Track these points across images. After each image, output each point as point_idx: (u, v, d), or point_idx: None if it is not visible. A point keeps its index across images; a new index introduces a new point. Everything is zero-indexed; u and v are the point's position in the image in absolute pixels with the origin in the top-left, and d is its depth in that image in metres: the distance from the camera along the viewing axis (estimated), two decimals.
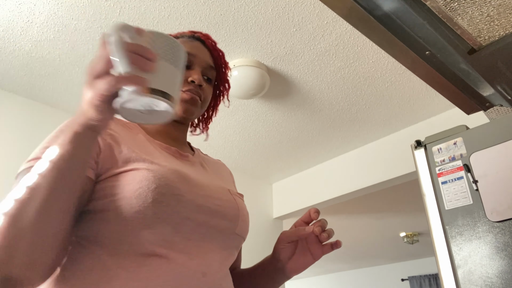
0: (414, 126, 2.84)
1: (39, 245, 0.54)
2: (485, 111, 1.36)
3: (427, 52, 1.04)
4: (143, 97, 0.51)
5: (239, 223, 0.75)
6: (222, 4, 1.82)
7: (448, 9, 0.91)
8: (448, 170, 1.40)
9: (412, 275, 6.75)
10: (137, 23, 1.91)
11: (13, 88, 2.34)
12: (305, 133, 2.92)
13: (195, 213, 0.68)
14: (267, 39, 2.03)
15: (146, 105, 0.53)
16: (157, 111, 0.54)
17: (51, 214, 0.54)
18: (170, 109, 0.54)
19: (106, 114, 0.53)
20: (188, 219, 0.66)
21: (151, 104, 0.53)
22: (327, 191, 3.23)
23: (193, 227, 0.67)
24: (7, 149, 2.26)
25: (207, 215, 0.70)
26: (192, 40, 0.88)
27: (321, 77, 2.30)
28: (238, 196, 0.81)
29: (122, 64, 0.49)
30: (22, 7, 1.82)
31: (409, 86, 2.42)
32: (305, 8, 1.85)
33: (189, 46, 0.85)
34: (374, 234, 5.40)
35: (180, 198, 0.66)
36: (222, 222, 0.72)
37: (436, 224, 1.38)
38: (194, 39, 0.88)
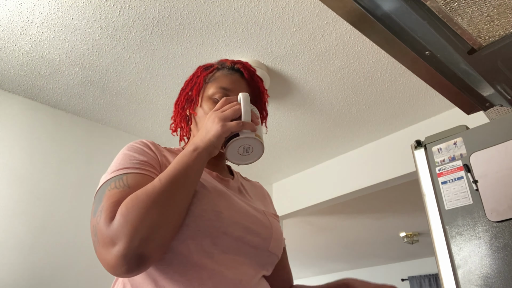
0: (414, 126, 2.84)
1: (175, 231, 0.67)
2: (485, 111, 1.36)
3: (427, 52, 1.04)
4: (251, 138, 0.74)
5: (272, 241, 0.81)
6: (222, 4, 1.82)
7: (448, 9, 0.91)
8: (448, 170, 1.40)
9: (412, 275, 6.75)
10: (137, 23, 1.91)
11: (13, 88, 2.34)
12: (305, 133, 2.92)
13: (231, 228, 0.75)
14: (267, 39, 2.03)
15: (247, 145, 0.76)
16: (249, 154, 0.78)
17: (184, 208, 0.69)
18: (261, 153, 0.78)
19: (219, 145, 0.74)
20: (226, 234, 0.74)
21: (250, 147, 0.76)
22: (327, 191, 3.23)
23: (230, 241, 0.74)
24: (7, 149, 2.26)
25: (242, 232, 0.76)
26: (232, 73, 0.92)
27: (321, 77, 2.30)
28: (272, 217, 0.87)
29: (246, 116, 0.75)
30: (22, 7, 1.81)
31: (409, 86, 2.41)
32: (305, 8, 1.85)
33: (228, 80, 0.91)
34: (374, 234, 5.40)
35: (220, 214, 0.74)
36: (256, 239, 0.79)
37: (436, 224, 1.37)
38: (234, 71, 0.92)
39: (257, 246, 0.78)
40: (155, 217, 0.62)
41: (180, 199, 0.67)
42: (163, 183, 0.66)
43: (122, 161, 0.74)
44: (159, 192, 0.64)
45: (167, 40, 2.02)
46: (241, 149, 0.76)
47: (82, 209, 2.44)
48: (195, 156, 0.70)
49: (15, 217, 2.18)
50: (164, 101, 2.51)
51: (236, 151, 0.76)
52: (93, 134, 2.68)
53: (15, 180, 2.24)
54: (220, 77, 0.91)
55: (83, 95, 2.43)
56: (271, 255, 0.82)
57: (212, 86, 0.89)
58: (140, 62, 2.17)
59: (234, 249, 0.75)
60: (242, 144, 0.75)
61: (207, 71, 0.92)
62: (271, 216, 0.87)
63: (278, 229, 0.85)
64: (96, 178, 2.57)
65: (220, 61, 0.96)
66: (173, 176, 0.67)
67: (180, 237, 0.70)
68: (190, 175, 0.69)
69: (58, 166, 2.44)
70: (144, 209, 0.62)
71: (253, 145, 0.75)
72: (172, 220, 0.65)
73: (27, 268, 2.13)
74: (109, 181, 0.70)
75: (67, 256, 2.29)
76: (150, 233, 0.61)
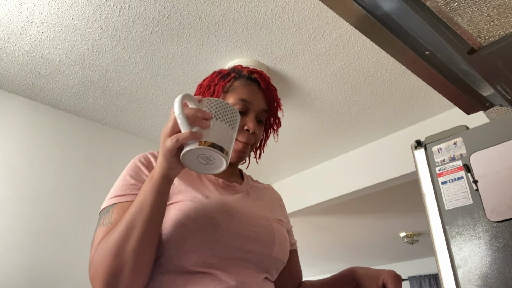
0: (414, 126, 2.84)
1: (137, 271, 0.67)
2: (485, 111, 1.36)
3: (427, 52, 1.04)
4: (199, 149, 0.62)
5: (275, 247, 0.82)
6: (222, 4, 1.82)
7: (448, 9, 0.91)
8: (448, 170, 1.40)
9: (412, 275, 6.75)
10: (137, 23, 1.91)
11: (13, 88, 2.34)
12: (305, 133, 2.92)
13: (231, 239, 0.76)
14: (267, 39, 2.03)
15: (204, 156, 0.64)
16: (213, 162, 0.65)
17: (145, 247, 0.68)
18: (223, 160, 0.64)
19: (175, 165, 0.66)
20: (225, 245, 0.75)
21: (208, 156, 0.64)
22: (327, 191, 3.23)
23: (230, 251, 0.75)
24: (7, 149, 2.26)
25: (242, 241, 0.77)
26: (249, 83, 0.91)
27: (321, 77, 2.30)
28: (276, 222, 0.87)
29: (182, 125, 0.63)
30: (22, 7, 1.81)
31: (409, 86, 2.41)
32: (305, 8, 1.85)
33: (247, 91, 0.90)
34: (374, 234, 5.40)
35: (217, 227, 0.75)
36: (258, 246, 0.79)
37: (436, 224, 1.37)
38: (251, 80, 0.92)
39: (259, 253, 0.79)
40: (116, 265, 0.66)
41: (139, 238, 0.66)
42: (118, 229, 0.68)
43: (117, 185, 0.79)
44: (116, 240, 0.67)
45: (167, 40, 2.02)
46: (201, 159, 0.65)
47: (81, 209, 2.44)
48: (150, 187, 0.68)
49: (14, 217, 2.18)
50: (164, 101, 2.51)
51: (194, 164, 0.66)
52: (93, 134, 2.68)
53: (14, 180, 2.24)
54: (239, 88, 0.90)
55: (83, 95, 2.43)
56: (275, 260, 0.82)
57: (232, 96, 0.89)
58: (140, 62, 2.17)
59: (236, 258, 0.76)
60: (192, 156, 0.65)
61: (225, 80, 0.91)
62: (275, 222, 0.87)
63: (282, 235, 0.85)
64: (96, 178, 2.57)
65: (236, 68, 0.95)
66: (129, 218, 0.68)
67: (179, 251, 0.73)
68: (145, 210, 0.67)
69: (58, 166, 2.44)
70: (104, 260, 0.66)
71: (206, 153, 0.64)
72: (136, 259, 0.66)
73: (27, 268, 2.13)
74: (102, 212, 0.76)
75: (67, 256, 2.29)
76: (114, 279, 0.66)
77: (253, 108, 0.89)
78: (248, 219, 0.81)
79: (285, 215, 1.01)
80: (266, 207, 0.93)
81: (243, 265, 0.77)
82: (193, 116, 0.63)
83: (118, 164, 2.69)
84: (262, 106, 0.90)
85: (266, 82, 0.93)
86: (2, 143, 2.25)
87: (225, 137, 0.65)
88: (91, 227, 2.44)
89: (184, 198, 0.78)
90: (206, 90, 0.92)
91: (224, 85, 0.90)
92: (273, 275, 0.84)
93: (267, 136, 1.03)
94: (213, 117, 0.65)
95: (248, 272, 0.77)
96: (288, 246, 0.88)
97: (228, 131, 0.66)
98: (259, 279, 0.78)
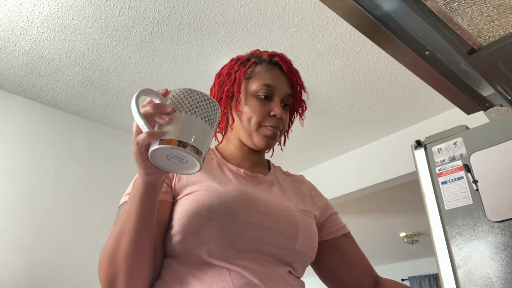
0: (414, 126, 2.84)
1: (133, 275, 0.67)
2: (485, 111, 1.36)
3: (427, 52, 1.04)
4: (161, 149, 0.56)
5: (299, 240, 0.76)
6: (222, 4, 1.82)
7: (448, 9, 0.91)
8: (448, 170, 1.40)
9: (412, 275, 6.75)
10: (137, 23, 1.91)
11: (13, 88, 2.34)
12: (305, 133, 2.92)
13: (247, 230, 0.72)
14: (267, 39, 2.03)
15: (173, 155, 0.57)
16: (186, 160, 0.58)
17: (136, 252, 0.66)
18: (193, 158, 0.56)
19: (151, 169, 0.61)
20: (241, 235, 0.71)
21: (176, 155, 0.57)
22: (327, 191, 3.22)
23: (247, 243, 0.72)
24: (7, 149, 2.26)
25: (261, 232, 0.73)
26: (271, 67, 0.88)
27: (321, 77, 2.30)
28: (302, 213, 0.82)
29: (141, 125, 0.56)
30: (22, 7, 1.81)
31: (409, 86, 2.41)
32: (305, 8, 1.85)
33: (269, 76, 0.86)
34: (374, 234, 5.40)
35: (231, 216, 0.71)
36: (279, 238, 0.75)
37: (436, 224, 1.37)
38: (272, 64, 0.89)
39: (281, 246, 0.75)
40: (110, 271, 0.67)
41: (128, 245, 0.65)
42: (111, 236, 0.68)
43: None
44: (108, 248, 0.68)
45: (167, 40, 2.02)
46: (172, 159, 0.58)
47: (81, 209, 2.44)
48: (133, 194, 0.65)
49: (14, 217, 2.18)
50: None
51: (169, 164, 0.59)
52: (93, 134, 2.68)
53: (14, 180, 2.24)
54: (261, 73, 0.87)
55: (83, 95, 2.43)
56: (300, 254, 0.77)
57: (255, 83, 0.85)
58: (140, 62, 2.17)
59: (254, 250, 0.72)
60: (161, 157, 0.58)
61: (246, 67, 0.87)
62: (300, 212, 0.81)
63: (308, 227, 0.79)
64: (96, 178, 2.57)
65: (255, 53, 0.91)
66: (118, 226, 0.67)
67: (195, 242, 0.71)
68: (132, 217, 0.65)
69: (58, 166, 2.44)
70: (101, 266, 0.68)
71: (172, 152, 0.56)
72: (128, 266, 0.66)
73: (27, 268, 2.13)
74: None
75: (67, 256, 2.29)
76: (111, 284, 0.67)
77: (277, 93, 0.86)
78: (268, 209, 0.77)
79: (320, 204, 0.94)
80: (293, 198, 0.87)
81: (263, 258, 0.73)
82: (150, 114, 0.57)
83: (118, 164, 2.69)
84: (286, 90, 0.87)
85: (288, 65, 0.90)
86: (2, 143, 2.25)
87: (193, 131, 0.56)
88: (91, 227, 2.44)
89: (200, 188, 0.75)
90: (226, 79, 0.88)
91: (246, 72, 0.87)
92: (298, 270, 0.79)
93: (291, 121, 0.97)
94: (177, 110, 0.57)
95: (269, 266, 0.73)
96: (316, 239, 0.82)
97: (197, 123, 0.57)
98: (282, 273, 0.74)
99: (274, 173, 0.93)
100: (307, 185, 0.97)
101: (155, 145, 0.56)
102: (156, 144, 0.55)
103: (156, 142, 0.55)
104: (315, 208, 0.91)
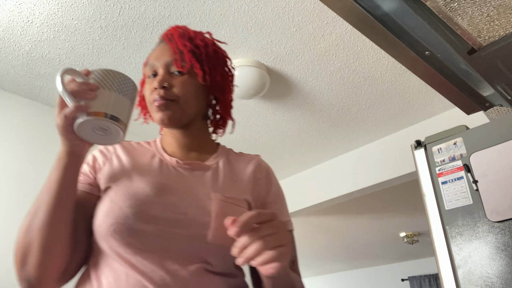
0: (414, 126, 2.84)
1: (47, 249, 0.66)
2: (485, 111, 1.36)
3: (427, 52, 1.04)
4: (88, 120, 0.61)
5: (210, 231, 0.69)
6: (222, 4, 1.82)
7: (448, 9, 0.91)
8: (448, 170, 1.40)
9: (412, 275, 6.75)
10: (137, 23, 1.91)
11: (13, 88, 2.34)
12: (305, 133, 2.92)
13: (149, 224, 0.69)
14: (267, 39, 2.03)
15: (99, 127, 0.63)
16: (110, 131, 0.64)
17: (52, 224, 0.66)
18: (117, 127, 0.63)
19: (76, 141, 0.65)
20: (140, 230, 0.68)
21: (102, 126, 0.63)
22: (327, 191, 3.23)
23: (147, 238, 0.68)
24: (7, 149, 2.26)
25: (164, 225, 0.69)
26: (157, 45, 0.85)
27: (321, 77, 2.30)
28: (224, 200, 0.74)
29: (66, 98, 0.61)
30: (22, 7, 1.81)
31: (409, 86, 2.41)
32: (305, 8, 1.85)
33: (152, 55, 0.84)
34: (374, 234, 5.40)
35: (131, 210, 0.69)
36: (187, 231, 0.69)
37: (436, 224, 1.38)
38: (159, 42, 0.86)
39: (189, 239, 0.69)
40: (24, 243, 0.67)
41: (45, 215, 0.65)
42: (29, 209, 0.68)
43: None
44: (25, 219, 0.68)
45: None
46: (97, 131, 0.64)
47: None
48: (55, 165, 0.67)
49: (14, 218, 2.18)
50: None
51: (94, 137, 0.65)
52: None
53: (14, 180, 2.24)
54: (151, 54, 0.85)
55: None
56: (214, 247, 0.69)
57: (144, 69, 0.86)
58: (140, 62, 2.17)
59: (155, 245, 0.68)
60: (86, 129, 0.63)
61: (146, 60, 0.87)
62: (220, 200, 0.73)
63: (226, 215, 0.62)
64: None
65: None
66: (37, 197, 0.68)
67: (98, 239, 0.70)
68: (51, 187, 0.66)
69: None
70: (16, 239, 0.68)
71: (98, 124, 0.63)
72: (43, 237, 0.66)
73: None
74: None
75: None
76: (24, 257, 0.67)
77: (160, 65, 0.81)
78: (179, 200, 0.72)
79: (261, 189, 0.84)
80: (224, 184, 0.79)
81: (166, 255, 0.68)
82: (77, 90, 0.61)
83: None
84: (167, 59, 0.80)
85: (168, 34, 0.83)
86: (2, 143, 2.25)
87: (115, 105, 0.64)
88: None
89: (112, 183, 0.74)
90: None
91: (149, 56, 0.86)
92: (216, 265, 0.72)
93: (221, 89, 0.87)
94: (100, 87, 0.63)
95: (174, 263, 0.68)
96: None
97: (119, 98, 0.64)
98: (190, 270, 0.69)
99: (217, 157, 0.85)
100: (254, 167, 0.86)
101: (82, 118, 0.61)
102: (83, 116, 0.61)
103: (83, 115, 0.61)
104: (247, 192, 0.81)
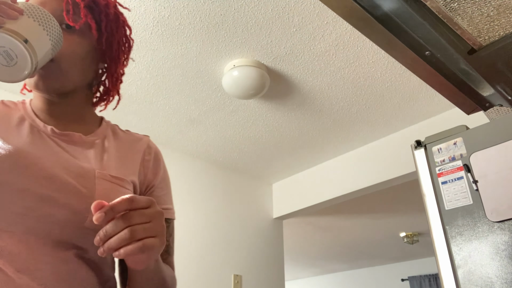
0: (414, 126, 2.84)
1: None
2: (485, 111, 1.37)
3: (427, 52, 1.04)
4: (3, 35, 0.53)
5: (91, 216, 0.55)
6: (222, 4, 1.82)
7: (448, 9, 0.91)
8: (448, 170, 1.40)
9: (412, 275, 6.75)
10: (137, 23, 1.91)
11: (13, 88, 2.34)
12: (305, 133, 2.92)
13: (15, 199, 0.58)
14: (267, 39, 2.03)
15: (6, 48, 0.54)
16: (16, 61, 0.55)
17: None
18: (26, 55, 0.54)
19: None
20: (6, 207, 0.57)
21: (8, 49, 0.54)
22: (327, 191, 3.23)
23: (12, 216, 0.58)
24: None
25: (33, 203, 0.58)
26: None
27: (321, 77, 2.30)
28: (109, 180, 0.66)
29: None
30: None
31: (409, 86, 2.41)
32: (305, 8, 1.85)
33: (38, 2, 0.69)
34: (374, 234, 5.40)
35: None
36: (60, 212, 0.59)
37: (436, 224, 1.38)
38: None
39: (63, 221, 0.59)
40: None
41: None
42: None
43: None
44: None
45: (167, 40, 2.02)
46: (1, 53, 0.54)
47: None
48: None
49: None
50: (164, 101, 2.51)
51: None
52: None
53: None
54: None
55: None
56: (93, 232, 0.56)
57: None
58: (140, 62, 2.17)
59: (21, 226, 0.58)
60: None
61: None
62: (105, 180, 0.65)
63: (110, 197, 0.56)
64: None
65: None
66: None
67: None
68: None
69: None
70: None
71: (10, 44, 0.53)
72: None
73: None
74: None
75: None
76: None
77: None
78: (53, 174, 0.61)
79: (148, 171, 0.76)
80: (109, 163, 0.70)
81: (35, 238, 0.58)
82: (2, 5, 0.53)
83: None
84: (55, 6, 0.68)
85: None
86: None
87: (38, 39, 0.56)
88: None
89: None
90: None
91: None
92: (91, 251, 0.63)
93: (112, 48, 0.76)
94: (26, 15, 0.56)
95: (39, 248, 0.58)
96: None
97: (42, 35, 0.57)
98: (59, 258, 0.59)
99: (102, 132, 0.76)
100: (144, 148, 0.79)
101: None
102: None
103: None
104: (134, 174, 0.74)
